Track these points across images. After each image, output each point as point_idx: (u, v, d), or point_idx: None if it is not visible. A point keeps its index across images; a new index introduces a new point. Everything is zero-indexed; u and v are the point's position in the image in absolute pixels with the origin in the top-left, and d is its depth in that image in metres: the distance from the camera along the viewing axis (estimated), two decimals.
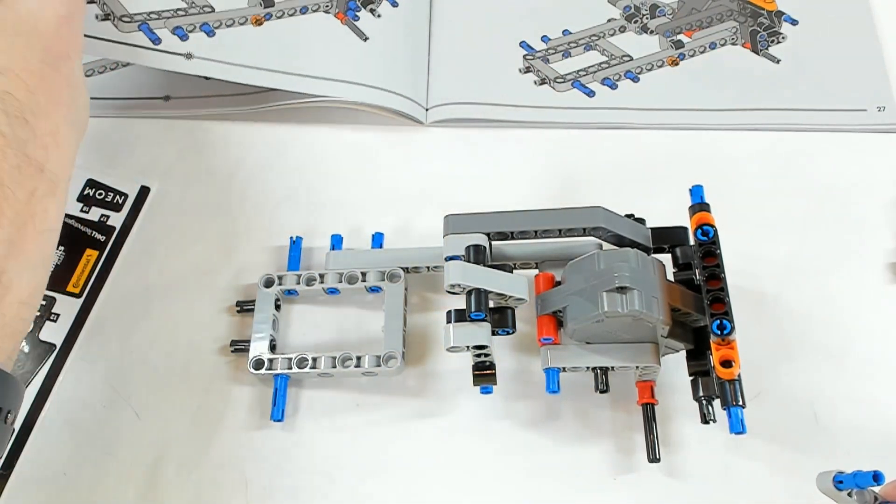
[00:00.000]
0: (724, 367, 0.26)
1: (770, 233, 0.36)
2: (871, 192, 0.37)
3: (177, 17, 0.37)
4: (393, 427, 0.32)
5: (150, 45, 0.36)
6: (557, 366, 0.29)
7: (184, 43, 0.37)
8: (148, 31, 0.37)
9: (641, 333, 0.29)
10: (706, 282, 0.28)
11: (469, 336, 0.28)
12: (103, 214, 0.36)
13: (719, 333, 0.27)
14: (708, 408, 0.29)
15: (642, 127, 0.39)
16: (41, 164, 0.26)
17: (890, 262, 0.35)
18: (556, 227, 0.30)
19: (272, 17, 0.39)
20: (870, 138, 0.38)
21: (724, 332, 0.27)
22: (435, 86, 0.39)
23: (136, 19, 0.37)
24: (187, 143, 0.38)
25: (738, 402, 0.26)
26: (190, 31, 0.37)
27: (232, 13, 0.38)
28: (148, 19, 0.37)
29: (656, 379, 0.30)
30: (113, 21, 0.36)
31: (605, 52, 0.40)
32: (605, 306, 0.27)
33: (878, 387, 0.33)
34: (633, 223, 0.31)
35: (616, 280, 0.27)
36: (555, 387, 0.29)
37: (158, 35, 0.37)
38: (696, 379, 0.29)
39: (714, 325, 0.27)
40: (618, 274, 0.27)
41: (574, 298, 0.28)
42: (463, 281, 0.29)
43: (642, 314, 0.27)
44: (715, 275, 0.28)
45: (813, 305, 0.34)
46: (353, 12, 0.40)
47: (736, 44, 0.41)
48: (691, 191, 0.31)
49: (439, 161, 0.38)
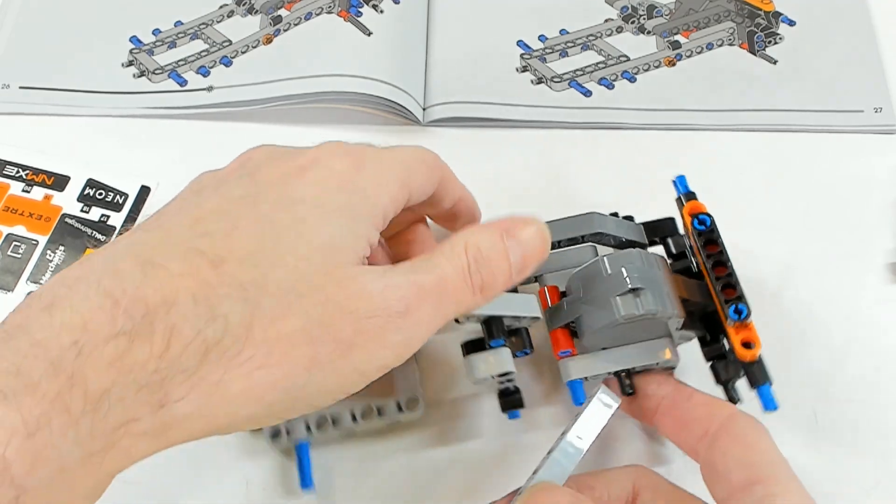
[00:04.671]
0: (746, 349, 0.26)
1: (768, 233, 0.36)
2: (869, 192, 0.37)
3: (200, 58, 0.40)
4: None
5: (178, 87, 0.40)
6: (581, 376, 0.29)
7: (206, 79, 0.40)
8: (176, 76, 0.40)
9: (656, 330, 0.28)
10: (713, 269, 0.28)
11: (494, 366, 0.28)
12: (103, 214, 0.36)
13: (737, 318, 0.27)
14: (734, 389, 0.29)
15: (639, 127, 0.39)
16: None
17: (890, 262, 0.35)
18: (555, 239, 0.30)
19: (280, 32, 0.40)
20: (867, 139, 0.38)
21: (741, 316, 0.27)
22: (432, 84, 0.40)
23: (167, 69, 0.40)
24: (187, 143, 0.39)
25: (766, 379, 0.27)
26: (211, 66, 0.40)
27: (246, 40, 0.41)
28: (176, 67, 0.40)
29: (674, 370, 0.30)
30: (147, 76, 0.40)
31: (602, 52, 0.41)
32: (620, 311, 0.27)
33: (878, 387, 0.32)
34: (626, 222, 0.31)
35: (627, 282, 0.27)
36: (582, 398, 0.29)
37: (185, 77, 0.40)
38: (714, 364, 0.29)
39: (730, 310, 0.27)
40: (627, 276, 0.27)
41: (587, 308, 0.28)
42: (477, 311, 0.28)
43: (658, 312, 0.27)
44: (721, 262, 0.28)
45: (813, 305, 0.34)
46: (356, 9, 0.41)
47: (733, 44, 0.41)
48: (676, 181, 0.30)
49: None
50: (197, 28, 0.42)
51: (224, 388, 0.19)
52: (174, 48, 0.41)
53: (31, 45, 0.41)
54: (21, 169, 0.37)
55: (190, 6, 0.42)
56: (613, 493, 0.26)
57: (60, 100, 0.39)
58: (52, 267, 0.35)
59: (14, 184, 0.37)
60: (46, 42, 0.41)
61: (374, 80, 0.38)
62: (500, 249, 0.24)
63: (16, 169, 0.37)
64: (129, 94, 0.39)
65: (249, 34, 0.41)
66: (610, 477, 0.27)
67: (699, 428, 0.26)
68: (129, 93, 0.39)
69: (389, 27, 0.40)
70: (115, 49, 0.41)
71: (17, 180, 0.37)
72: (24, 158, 0.38)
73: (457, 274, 0.23)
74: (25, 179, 0.37)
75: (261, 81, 0.39)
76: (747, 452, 0.25)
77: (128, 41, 0.41)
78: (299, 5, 0.41)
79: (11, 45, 0.41)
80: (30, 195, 0.37)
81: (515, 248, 0.24)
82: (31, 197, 0.37)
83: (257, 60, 0.40)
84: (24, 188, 0.37)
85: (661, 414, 0.28)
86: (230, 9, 0.42)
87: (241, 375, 0.19)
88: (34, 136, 0.39)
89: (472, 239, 0.24)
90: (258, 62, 0.40)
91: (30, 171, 0.37)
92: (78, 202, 0.37)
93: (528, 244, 0.24)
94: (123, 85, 0.40)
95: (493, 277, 0.23)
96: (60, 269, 0.35)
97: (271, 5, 0.42)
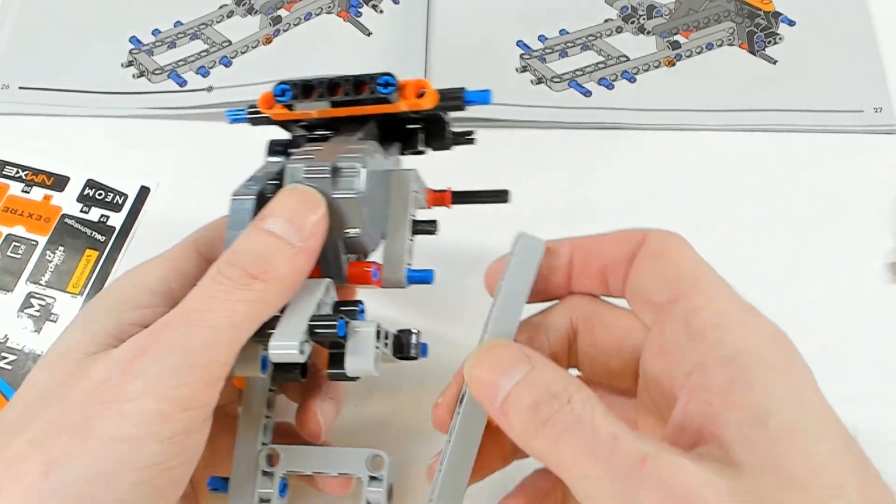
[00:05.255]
0: (421, 98, 0.24)
1: (768, 233, 0.36)
2: (869, 192, 0.37)
3: (200, 58, 0.40)
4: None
5: (178, 87, 0.40)
6: (408, 264, 0.25)
7: (205, 79, 0.40)
8: (176, 76, 0.40)
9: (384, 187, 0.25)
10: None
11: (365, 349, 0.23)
12: (103, 214, 0.36)
13: (385, 90, 0.24)
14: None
15: (639, 127, 0.39)
16: None
17: (890, 262, 0.35)
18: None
19: (280, 32, 0.40)
20: (867, 139, 0.38)
21: (388, 87, 0.24)
22: (432, 84, 0.39)
23: (166, 69, 0.40)
24: (187, 143, 0.39)
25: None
26: (211, 67, 0.40)
27: (246, 40, 0.41)
28: (176, 67, 0.40)
29: None
30: (147, 76, 0.40)
31: (602, 52, 0.41)
32: (360, 184, 0.23)
33: (878, 387, 0.32)
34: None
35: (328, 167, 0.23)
36: (430, 278, 0.25)
37: (185, 78, 0.40)
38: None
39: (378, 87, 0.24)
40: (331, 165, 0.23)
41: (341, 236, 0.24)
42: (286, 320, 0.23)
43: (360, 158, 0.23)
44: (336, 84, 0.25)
45: (813, 305, 0.34)
46: (356, 9, 0.41)
47: (733, 44, 0.41)
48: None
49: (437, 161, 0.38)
50: (197, 28, 0.42)
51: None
52: (174, 48, 0.41)
53: (31, 45, 0.41)
54: (21, 169, 0.37)
55: (190, 6, 0.42)
56: (553, 337, 0.25)
57: (60, 100, 0.39)
58: (52, 267, 0.35)
59: (14, 184, 0.37)
60: (46, 42, 0.41)
61: None
62: (252, 234, 0.22)
63: (15, 169, 0.37)
64: (129, 94, 0.39)
65: (249, 34, 0.41)
66: (546, 322, 0.25)
67: (620, 265, 0.24)
68: (129, 93, 0.39)
69: (389, 27, 0.40)
70: (115, 49, 0.41)
71: (16, 181, 0.37)
72: (24, 159, 0.38)
73: (212, 283, 0.22)
74: (25, 180, 0.37)
75: (261, 81, 0.39)
76: (666, 268, 0.22)
77: (127, 41, 0.41)
78: (299, 5, 0.41)
79: (11, 45, 0.41)
80: (29, 195, 0.37)
81: (272, 222, 0.22)
82: (31, 197, 0.37)
83: (257, 60, 0.40)
84: (24, 188, 0.37)
85: (576, 275, 0.25)
86: (230, 9, 0.42)
87: None
88: (34, 136, 0.39)
89: (232, 247, 0.22)
90: (258, 62, 0.40)
91: (29, 171, 0.37)
92: (77, 202, 0.37)
93: (286, 208, 0.22)
94: (123, 85, 0.40)
95: (264, 263, 0.22)
96: (60, 269, 0.35)
97: (271, 5, 0.42)
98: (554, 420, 0.19)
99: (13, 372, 0.33)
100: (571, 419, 0.19)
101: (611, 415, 0.19)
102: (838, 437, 0.18)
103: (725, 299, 0.21)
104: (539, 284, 0.24)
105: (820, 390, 0.19)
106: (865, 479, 0.18)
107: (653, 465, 0.17)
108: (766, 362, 0.19)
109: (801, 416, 0.18)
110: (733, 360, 0.19)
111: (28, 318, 0.34)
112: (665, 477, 0.17)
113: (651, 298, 0.22)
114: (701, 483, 0.17)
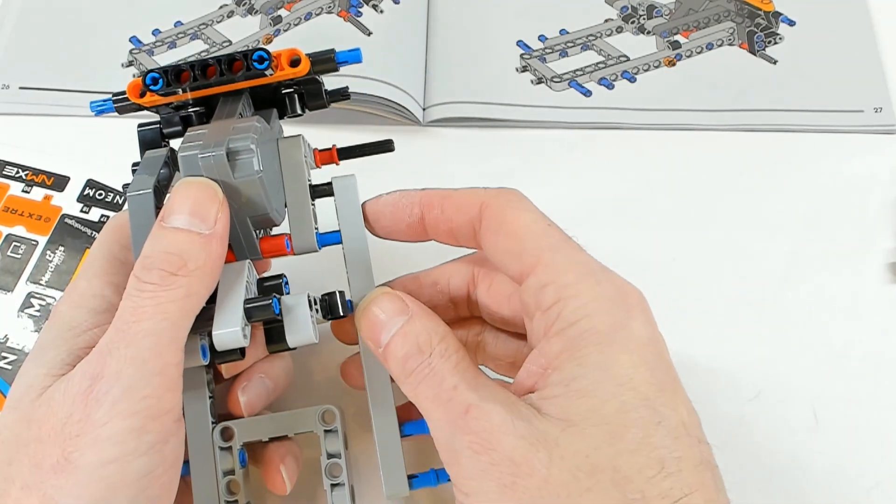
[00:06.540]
0: (295, 66, 0.25)
1: (768, 233, 0.36)
2: (869, 192, 0.37)
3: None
4: None
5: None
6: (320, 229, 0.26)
7: None
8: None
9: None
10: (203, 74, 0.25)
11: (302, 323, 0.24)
12: (103, 215, 0.36)
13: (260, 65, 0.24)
14: None
15: (639, 127, 0.39)
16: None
17: (890, 262, 0.35)
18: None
19: (280, 31, 0.40)
20: (867, 139, 0.38)
21: (263, 62, 0.24)
22: (432, 85, 0.40)
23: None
24: None
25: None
26: None
27: (246, 40, 0.41)
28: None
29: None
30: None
31: (602, 52, 0.41)
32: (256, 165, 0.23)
33: (878, 387, 0.32)
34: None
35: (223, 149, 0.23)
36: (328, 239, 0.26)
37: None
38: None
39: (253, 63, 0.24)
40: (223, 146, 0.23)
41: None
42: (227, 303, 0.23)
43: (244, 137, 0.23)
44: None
45: (813, 305, 0.34)
46: (356, 9, 0.41)
47: (733, 44, 0.41)
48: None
49: (436, 162, 0.38)
50: (197, 28, 0.42)
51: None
52: (174, 48, 0.41)
53: (31, 45, 0.41)
54: (21, 169, 0.37)
55: (190, 6, 0.42)
56: (454, 285, 0.27)
57: (60, 100, 0.39)
58: (52, 267, 0.35)
59: (14, 184, 0.37)
60: (47, 42, 0.41)
61: (373, 80, 0.38)
62: (158, 235, 0.23)
63: (15, 169, 0.37)
64: None
65: (249, 34, 0.41)
66: (450, 270, 0.27)
67: (466, 231, 0.25)
68: None
69: (389, 27, 0.40)
70: (116, 49, 0.41)
71: (16, 180, 0.37)
72: (24, 159, 0.38)
73: (137, 292, 0.22)
74: (25, 180, 0.37)
75: None
76: (509, 244, 0.24)
77: (128, 41, 0.41)
78: (299, 5, 0.41)
79: (11, 45, 0.41)
80: (29, 195, 0.37)
81: (176, 219, 0.23)
82: (31, 197, 0.37)
83: None
84: (24, 188, 0.37)
85: (430, 230, 0.26)
86: (230, 9, 0.42)
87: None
88: (34, 136, 0.39)
89: (143, 253, 0.23)
90: None
91: (30, 171, 0.37)
92: (78, 202, 0.37)
93: (185, 202, 0.23)
94: (123, 85, 0.40)
95: (180, 258, 0.22)
96: (60, 269, 0.35)
97: (271, 5, 0.42)
98: (416, 372, 0.23)
99: (13, 372, 0.33)
100: (428, 371, 0.22)
101: (462, 366, 0.22)
102: (629, 391, 0.21)
103: (567, 270, 0.23)
104: (400, 227, 0.26)
105: (643, 349, 0.22)
106: (646, 437, 0.21)
107: (473, 413, 0.21)
108: (595, 330, 0.22)
109: (600, 378, 0.21)
110: (564, 332, 0.22)
111: (28, 318, 0.34)
112: (477, 423, 0.21)
113: (507, 271, 0.24)
114: (504, 429, 0.21)
